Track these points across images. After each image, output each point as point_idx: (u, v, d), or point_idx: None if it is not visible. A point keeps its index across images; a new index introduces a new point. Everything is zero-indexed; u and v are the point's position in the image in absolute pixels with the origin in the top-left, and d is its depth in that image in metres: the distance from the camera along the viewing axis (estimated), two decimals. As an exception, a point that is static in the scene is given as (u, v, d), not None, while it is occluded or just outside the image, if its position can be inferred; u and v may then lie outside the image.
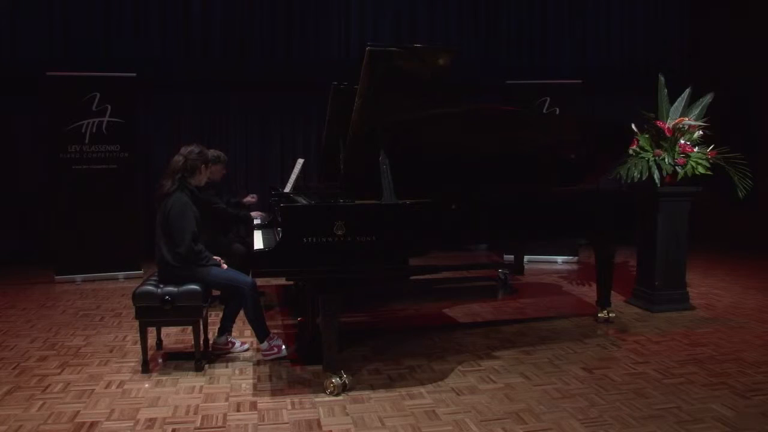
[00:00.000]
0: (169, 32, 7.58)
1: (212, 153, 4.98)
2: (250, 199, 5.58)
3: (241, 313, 3.94)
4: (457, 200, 3.77)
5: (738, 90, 7.91)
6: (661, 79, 5.10)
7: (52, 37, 7.29)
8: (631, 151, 4.94)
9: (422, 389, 3.43)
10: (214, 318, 4.27)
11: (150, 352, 3.91)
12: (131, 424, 3.01)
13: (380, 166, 3.44)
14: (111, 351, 4.13)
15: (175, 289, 3.66)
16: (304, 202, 4.27)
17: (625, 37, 8.69)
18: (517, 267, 6.55)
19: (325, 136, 4.76)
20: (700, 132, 4.96)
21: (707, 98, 5.05)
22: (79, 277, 6.35)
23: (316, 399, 3.30)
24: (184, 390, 3.44)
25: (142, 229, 6.46)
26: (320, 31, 7.95)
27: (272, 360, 3.88)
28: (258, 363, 3.86)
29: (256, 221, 5.14)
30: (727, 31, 8.35)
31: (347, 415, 3.11)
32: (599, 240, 4.71)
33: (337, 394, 3.33)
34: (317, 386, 3.43)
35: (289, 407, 3.21)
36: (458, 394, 3.36)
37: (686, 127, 4.89)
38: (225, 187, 5.46)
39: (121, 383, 3.55)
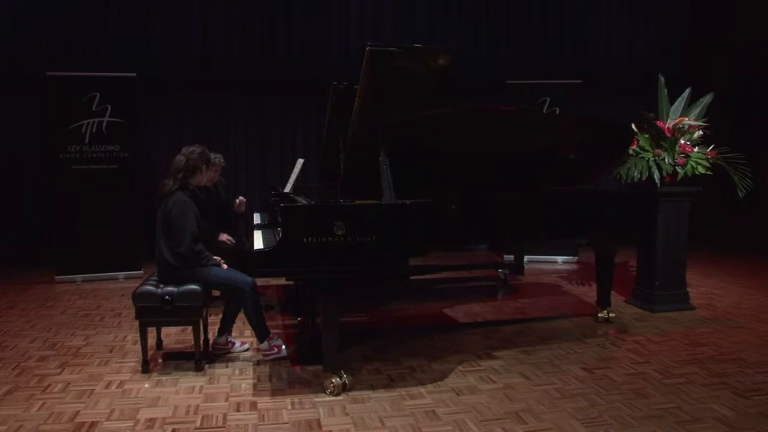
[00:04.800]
0: (169, 32, 7.57)
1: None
2: (238, 203, 5.35)
3: (241, 313, 3.94)
4: (457, 200, 3.77)
5: (738, 90, 7.91)
6: (661, 79, 5.11)
7: (52, 37, 7.28)
8: (631, 151, 4.94)
9: (422, 389, 3.43)
10: (214, 318, 4.27)
11: (150, 352, 3.91)
12: (131, 424, 3.01)
13: (380, 166, 3.44)
14: (111, 351, 4.13)
15: (175, 289, 3.66)
16: (304, 202, 4.27)
17: (625, 37, 8.69)
18: (517, 267, 6.55)
19: (325, 136, 4.76)
20: (700, 132, 4.96)
21: (707, 98, 5.05)
22: (79, 277, 6.35)
23: (316, 399, 3.30)
24: (184, 390, 3.45)
25: (142, 229, 6.46)
26: (320, 31, 7.95)
27: (272, 360, 3.88)
28: (258, 363, 3.87)
29: (257, 222, 5.15)
30: (727, 31, 8.35)
31: (347, 415, 3.11)
32: (599, 240, 4.72)
33: (337, 394, 3.33)
34: (317, 386, 3.43)
35: (289, 407, 3.21)
36: (458, 394, 3.36)
37: (686, 127, 4.90)
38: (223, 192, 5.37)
39: (121, 383, 3.55)
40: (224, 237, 4.86)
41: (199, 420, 3.06)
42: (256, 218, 5.29)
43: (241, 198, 5.39)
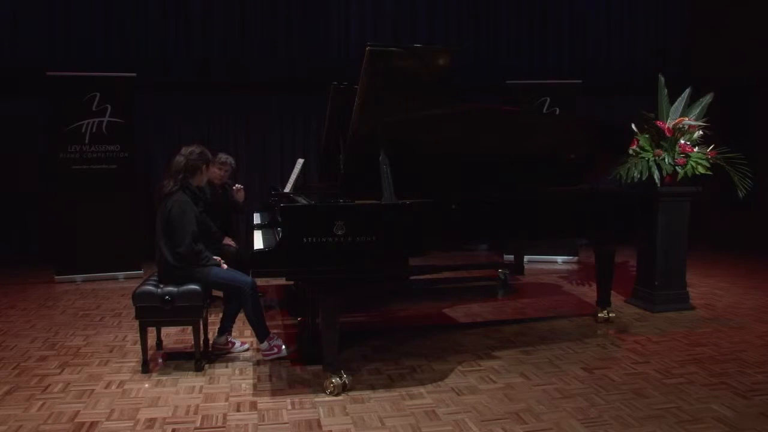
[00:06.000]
0: (169, 32, 7.58)
1: (221, 156, 5.18)
2: (236, 190, 5.36)
3: (241, 313, 3.94)
4: (457, 200, 3.77)
5: (738, 90, 7.91)
6: (661, 79, 5.11)
7: (52, 37, 7.29)
8: (631, 151, 4.94)
9: (422, 389, 3.43)
10: (214, 318, 4.27)
11: (150, 352, 3.91)
12: (131, 424, 3.01)
13: (380, 166, 3.44)
14: (111, 351, 4.13)
15: (175, 289, 3.66)
16: (304, 202, 4.27)
17: (625, 38, 8.69)
18: (517, 267, 6.54)
19: (325, 136, 4.76)
20: (700, 132, 4.96)
21: (707, 98, 5.05)
22: (79, 277, 6.35)
23: (316, 399, 3.30)
24: (184, 390, 3.45)
25: (142, 230, 6.45)
26: (320, 31, 7.95)
27: (272, 360, 3.88)
28: (258, 363, 3.87)
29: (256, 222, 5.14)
30: (726, 31, 8.35)
31: (347, 415, 3.11)
32: (599, 240, 4.71)
33: (337, 394, 3.33)
34: (317, 386, 3.43)
35: (289, 407, 3.21)
36: (458, 394, 3.36)
37: (686, 127, 4.90)
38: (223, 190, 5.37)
39: (121, 383, 3.55)
40: (227, 241, 4.87)
41: (199, 420, 3.06)
42: (256, 218, 5.28)
43: (238, 185, 5.36)
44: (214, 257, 3.87)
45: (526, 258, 7.07)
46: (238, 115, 7.90)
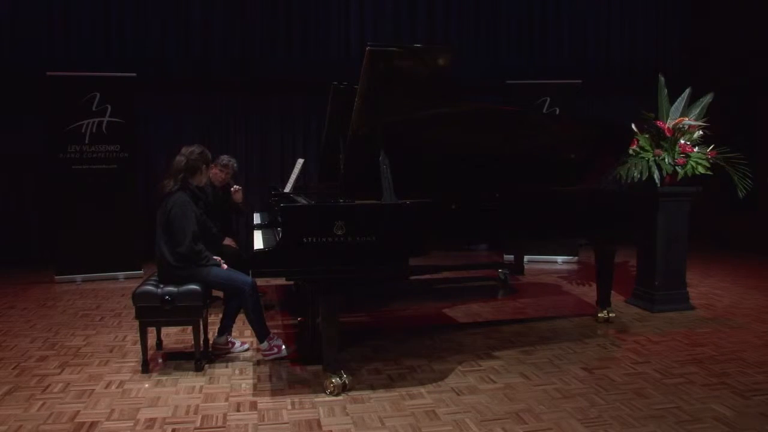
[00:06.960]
0: (169, 32, 7.58)
1: (223, 159, 5.17)
2: (234, 191, 5.25)
3: (241, 313, 3.94)
4: (457, 200, 3.77)
5: (738, 90, 7.91)
6: (661, 79, 5.11)
7: (52, 37, 7.29)
8: (631, 151, 4.94)
9: (422, 389, 3.43)
10: (214, 318, 4.27)
11: (150, 352, 3.91)
12: (131, 424, 3.01)
13: (380, 166, 3.44)
14: (111, 351, 4.13)
15: (175, 289, 3.66)
16: (304, 202, 4.27)
17: (625, 37, 8.69)
18: (517, 267, 6.55)
19: (325, 136, 4.76)
20: (700, 132, 4.96)
21: (707, 98, 5.05)
22: (79, 277, 6.35)
23: (316, 399, 3.30)
24: (184, 390, 3.45)
25: (142, 229, 6.45)
26: (320, 31, 7.95)
27: (272, 360, 3.88)
28: (258, 363, 3.87)
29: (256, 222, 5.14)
30: (727, 31, 8.35)
31: (347, 415, 3.11)
32: (599, 240, 4.71)
33: (337, 394, 3.33)
34: (317, 386, 3.43)
35: (289, 407, 3.21)
36: (458, 394, 3.36)
37: (686, 127, 4.90)
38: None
39: (121, 383, 3.55)
40: (228, 241, 4.86)
41: (199, 420, 3.06)
42: (256, 218, 5.28)
43: (235, 186, 5.33)
44: (214, 257, 3.87)
45: (526, 258, 7.07)
46: (238, 115, 7.90)
